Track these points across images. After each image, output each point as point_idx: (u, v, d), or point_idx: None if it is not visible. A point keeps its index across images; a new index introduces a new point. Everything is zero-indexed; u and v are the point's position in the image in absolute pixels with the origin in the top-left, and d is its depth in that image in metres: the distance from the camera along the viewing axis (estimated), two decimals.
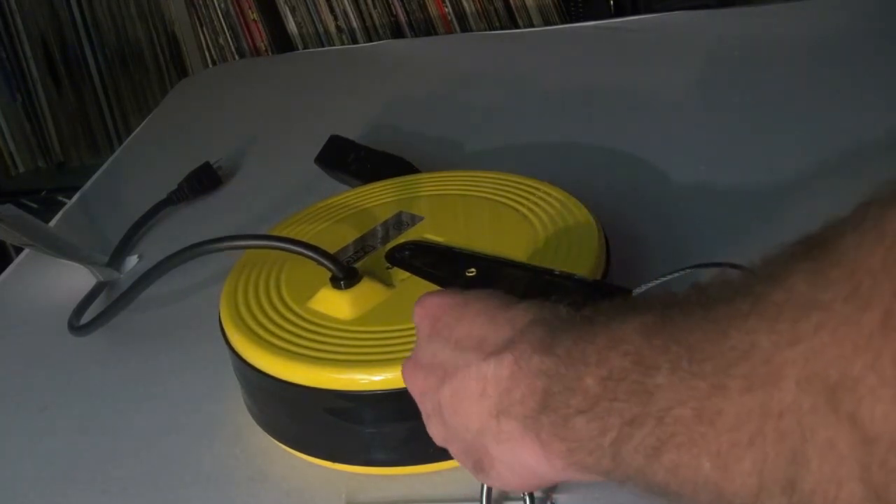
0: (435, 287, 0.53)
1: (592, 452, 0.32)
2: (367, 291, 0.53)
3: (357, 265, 0.56)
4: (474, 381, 0.37)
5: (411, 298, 0.53)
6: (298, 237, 0.59)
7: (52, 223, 0.88)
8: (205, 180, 0.87)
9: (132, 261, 0.77)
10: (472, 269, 0.53)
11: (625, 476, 0.31)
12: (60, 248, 0.74)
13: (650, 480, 0.30)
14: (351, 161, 0.79)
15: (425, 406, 0.41)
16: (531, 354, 0.35)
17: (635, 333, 0.31)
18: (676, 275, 0.50)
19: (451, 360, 0.39)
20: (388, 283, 0.54)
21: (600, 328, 0.33)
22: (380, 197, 0.66)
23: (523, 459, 0.36)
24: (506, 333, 0.37)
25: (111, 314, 0.66)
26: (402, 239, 0.59)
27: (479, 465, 0.39)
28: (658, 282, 0.50)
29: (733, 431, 0.26)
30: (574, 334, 0.34)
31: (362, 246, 0.59)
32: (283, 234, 0.62)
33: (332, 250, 0.56)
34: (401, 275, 0.55)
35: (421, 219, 0.61)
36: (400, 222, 0.61)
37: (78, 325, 0.67)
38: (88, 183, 0.96)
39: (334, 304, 0.53)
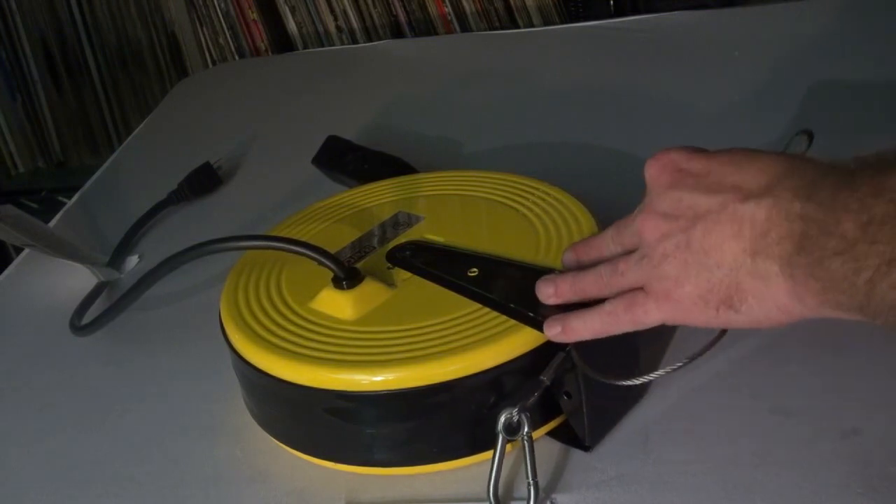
0: (437, 287, 0.53)
1: (846, 291, 0.36)
2: (370, 292, 0.53)
3: (357, 265, 0.56)
4: (729, 222, 0.40)
5: (413, 298, 0.53)
6: (298, 237, 0.59)
7: (52, 223, 0.87)
8: (205, 180, 0.87)
9: (132, 261, 0.77)
10: (474, 269, 0.53)
11: (876, 312, 0.35)
12: (60, 248, 0.73)
13: None
14: (348, 162, 0.78)
15: (665, 247, 0.43)
16: (791, 200, 0.38)
17: None
18: None
19: (703, 203, 0.41)
20: (389, 283, 0.54)
21: (864, 179, 0.36)
22: (379, 197, 0.66)
23: (777, 296, 0.39)
24: (761, 180, 0.40)
25: (113, 314, 0.66)
26: (401, 239, 0.59)
27: (727, 301, 0.41)
28: None
29: None
30: (833, 183, 0.37)
31: (362, 246, 0.59)
32: (283, 234, 0.62)
33: (331, 250, 0.56)
34: (402, 275, 0.55)
35: (420, 219, 0.61)
36: (399, 222, 0.61)
37: (79, 325, 0.67)
38: (88, 183, 0.96)
39: (337, 304, 0.53)
